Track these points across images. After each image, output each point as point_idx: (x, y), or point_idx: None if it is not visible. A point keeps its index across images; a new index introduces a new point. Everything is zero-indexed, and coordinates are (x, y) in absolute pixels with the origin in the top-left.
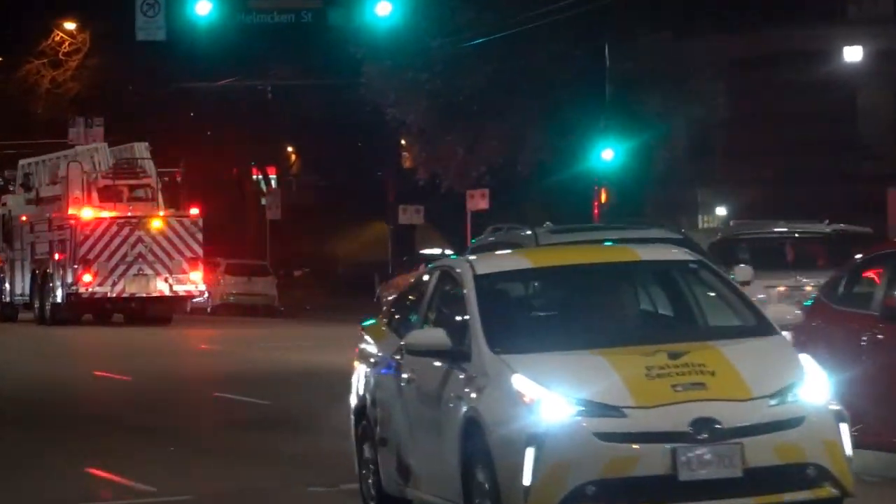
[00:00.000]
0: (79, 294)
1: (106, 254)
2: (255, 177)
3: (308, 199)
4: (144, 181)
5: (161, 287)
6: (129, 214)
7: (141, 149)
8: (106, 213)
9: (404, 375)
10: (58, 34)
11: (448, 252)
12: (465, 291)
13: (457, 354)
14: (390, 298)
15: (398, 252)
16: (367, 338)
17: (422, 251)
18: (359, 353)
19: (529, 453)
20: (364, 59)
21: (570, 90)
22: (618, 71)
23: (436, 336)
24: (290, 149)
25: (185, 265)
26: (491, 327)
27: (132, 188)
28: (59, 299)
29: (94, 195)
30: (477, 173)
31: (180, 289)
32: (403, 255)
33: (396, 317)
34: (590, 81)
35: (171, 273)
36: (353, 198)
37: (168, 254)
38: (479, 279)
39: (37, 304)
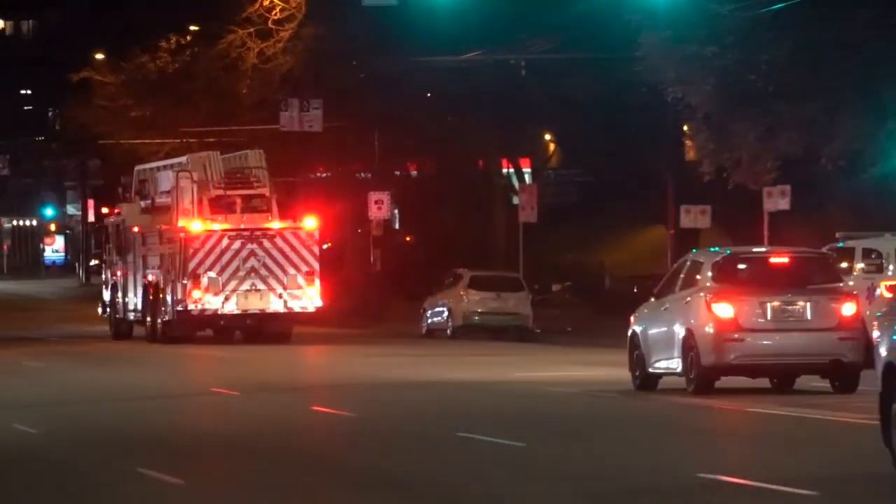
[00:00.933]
0: (188, 311)
1: (217, 268)
2: (504, 170)
3: (569, 197)
4: (259, 191)
5: (275, 303)
6: (242, 227)
7: (255, 157)
8: (217, 226)
9: None
10: None
11: None
12: None
13: None
14: None
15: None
16: None
17: None
18: None
19: None
20: (640, 28)
21: (889, 65)
22: None
23: None
24: (547, 137)
25: (300, 280)
26: None
27: (245, 199)
28: (169, 316)
29: (206, 206)
30: (769, 167)
31: (296, 305)
32: None
33: None
34: None
35: (285, 288)
36: (624, 196)
37: (283, 268)
38: None
39: (149, 321)
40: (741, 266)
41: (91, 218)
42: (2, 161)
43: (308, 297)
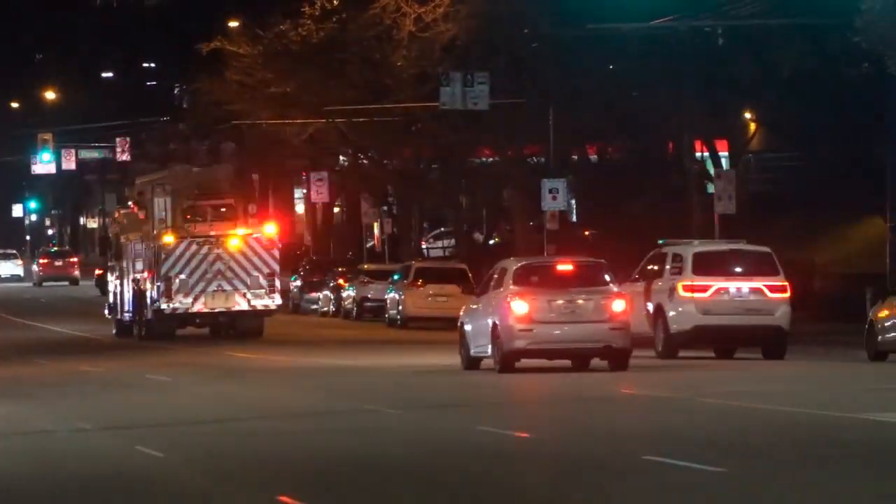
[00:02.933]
0: (162, 310)
1: (187, 271)
2: (698, 154)
3: (773, 185)
4: (226, 201)
5: (240, 302)
6: (210, 234)
7: (224, 170)
8: (188, 233)
9: None
10: None
11: None
12: None
13: None
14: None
15: None
16: None
17: None
18: None
19: None
20: None
21: None
22: None
23: None
24: (747, 115)
25: (262, 281)
26: None
27: (214, 208)
28: (150, 315)
29: (179, 215)
30: None
31: (258, 303)
32: None
33: None
34: None
35: (249, 288)
36: (838, 184)
37: (246, 270)
38: None
39: (136, 319)
40: (534, 272)
41: None
42: (122, 144)
43: (269, 296)
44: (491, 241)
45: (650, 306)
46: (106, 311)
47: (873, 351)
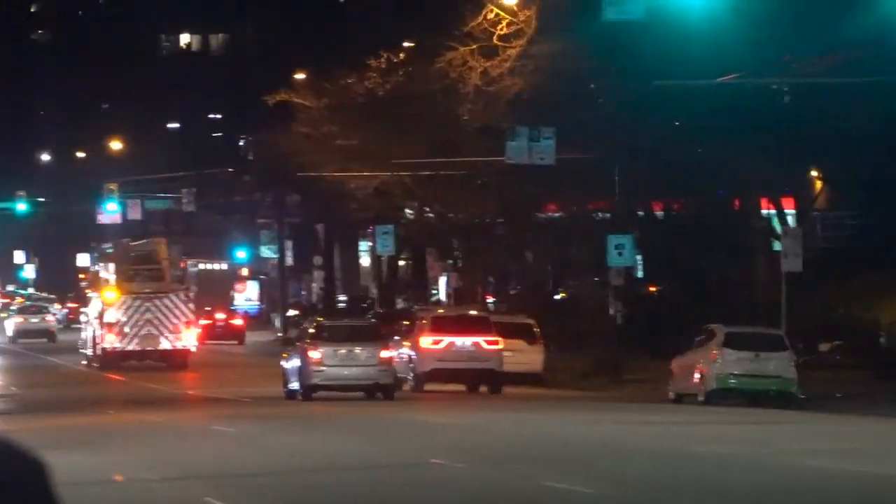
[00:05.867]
0: (104, 349)
1: (123, 319)
2: (764, 212)
3: (839, 242)
4: (156, 266)
5: (164, 343)
6: (143, 291)
7: (158, 243)
8: (126, 291)
9: None
10: (492, 10)
11: None
12: None
13: None
14: None
15: None
16: None
17: None
18: None
19: None
20: None
21: None
22: None
23: None
24: (814, 173)
25: (181, 327)
26: None
27: (148, 271)
28: (98, 352)
29: (121, 277)
30: None
31: (178, 344)
32: None
33: None
34: None
35: (171, 333)
36: None
37: (168, 319)
38: None
39: (93, 354)
40: (326, 329)
41: (289, 261)
42: (187, 196)
43: (186, 339)
44: (556, 296)
45: (408, 355)
46: (79, 346)
47: None
